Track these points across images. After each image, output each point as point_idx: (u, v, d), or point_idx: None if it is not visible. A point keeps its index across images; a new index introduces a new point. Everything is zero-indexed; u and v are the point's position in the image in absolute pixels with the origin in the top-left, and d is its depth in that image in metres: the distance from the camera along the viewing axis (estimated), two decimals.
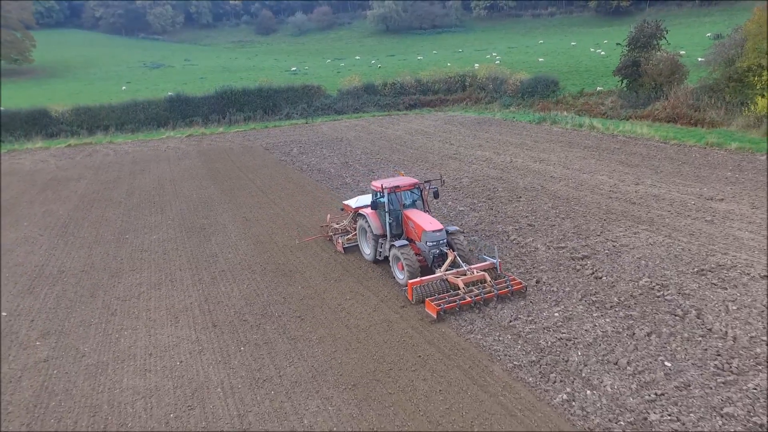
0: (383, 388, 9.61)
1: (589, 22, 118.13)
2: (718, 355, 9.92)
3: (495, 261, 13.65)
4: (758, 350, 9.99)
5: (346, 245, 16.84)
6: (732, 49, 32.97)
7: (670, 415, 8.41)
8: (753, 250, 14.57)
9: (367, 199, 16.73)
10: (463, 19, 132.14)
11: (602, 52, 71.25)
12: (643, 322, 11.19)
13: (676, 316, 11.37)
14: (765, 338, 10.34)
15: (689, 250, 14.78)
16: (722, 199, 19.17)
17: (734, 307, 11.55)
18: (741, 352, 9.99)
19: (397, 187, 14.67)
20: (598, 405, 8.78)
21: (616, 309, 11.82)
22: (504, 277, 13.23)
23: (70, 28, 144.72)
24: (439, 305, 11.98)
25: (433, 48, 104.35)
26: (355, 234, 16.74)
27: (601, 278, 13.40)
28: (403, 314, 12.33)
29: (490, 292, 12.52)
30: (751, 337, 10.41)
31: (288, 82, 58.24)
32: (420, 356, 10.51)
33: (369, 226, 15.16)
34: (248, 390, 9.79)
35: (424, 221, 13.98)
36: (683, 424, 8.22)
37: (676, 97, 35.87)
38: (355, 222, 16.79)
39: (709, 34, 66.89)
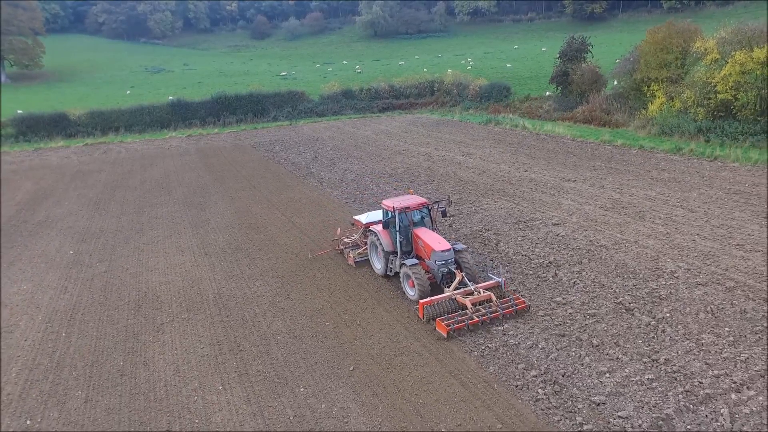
0: (298, 277, 17.21)
1: (566, 27, 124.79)
2: (491, 260, 17.41)
3: (500, 280, 14.55)
4: (514, 258, 17.48)
5: (357, 259, 17.66)
6: (633, 64, 40.44)
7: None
8: (562, 210, 22.03)
9: (375, 215, 17.69)
10: (447, 24, 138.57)
11: None
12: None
13: (483, 244, 18.90)
14: (525, 252, 17.79)
15: (521, 211, 22.27)
16: (575, 181, 26.60)
17: (521, 240, 19.04)
18: (503, 258, 17.49)
19: (408, 207, 15.37)
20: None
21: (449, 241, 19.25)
22: (508, 296, 14.14)
23: (75, 33, 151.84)
24: (449, 325, 12.88)
25: (416, 53, 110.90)
26: (366, 249, 17.62)
27: (452, 226, 20.89)
28: (324, 248, 19.82)
29: (495, 311, 13.36)
30: (516, 252, 17.90)
31: (277, 87, 65.21)
32: (324, 265, 18.09)
33: (380, 243, 15.89)
34: (224, 280, 17.34)
35: (433, 241, 14.74)
36: None
37: (594, 102, 43.36)
38: (366, 237, 17.66)
39: None
